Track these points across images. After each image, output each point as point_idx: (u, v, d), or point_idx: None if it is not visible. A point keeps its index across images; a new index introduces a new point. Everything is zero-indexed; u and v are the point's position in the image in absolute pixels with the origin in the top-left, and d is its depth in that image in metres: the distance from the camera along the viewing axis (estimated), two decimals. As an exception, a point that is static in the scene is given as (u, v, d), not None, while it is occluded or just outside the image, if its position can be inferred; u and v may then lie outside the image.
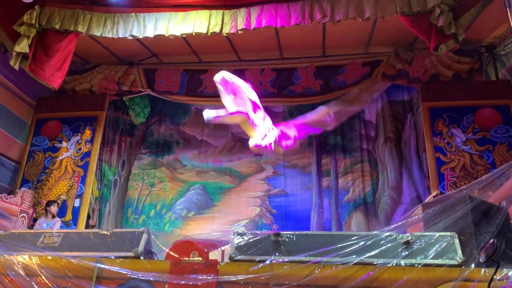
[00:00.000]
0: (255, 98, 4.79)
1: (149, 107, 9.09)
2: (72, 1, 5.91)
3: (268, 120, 4.84)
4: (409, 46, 7.42)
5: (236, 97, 4.68)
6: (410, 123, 7.86)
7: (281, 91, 8.21)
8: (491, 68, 7.43)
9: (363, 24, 6.75)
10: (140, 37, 6.13)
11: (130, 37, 6.13)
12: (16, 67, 5.82)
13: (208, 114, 4.61)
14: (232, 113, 4.61)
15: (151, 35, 5.99)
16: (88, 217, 7.82)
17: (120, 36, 6.10)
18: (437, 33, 5.12)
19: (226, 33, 5.72)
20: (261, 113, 4.78)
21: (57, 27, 5.95)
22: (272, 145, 4.71)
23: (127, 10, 6.01)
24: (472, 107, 7.09)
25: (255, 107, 4.73)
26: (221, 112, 4.64)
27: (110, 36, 6.13)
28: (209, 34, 5.72)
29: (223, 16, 5.71)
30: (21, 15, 5.82)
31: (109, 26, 6.08)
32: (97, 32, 6.10)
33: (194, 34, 5.79)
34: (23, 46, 5.71)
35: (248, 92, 4.71)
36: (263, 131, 4.71)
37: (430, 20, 5.14)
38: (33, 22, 5.82)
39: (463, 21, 5.06)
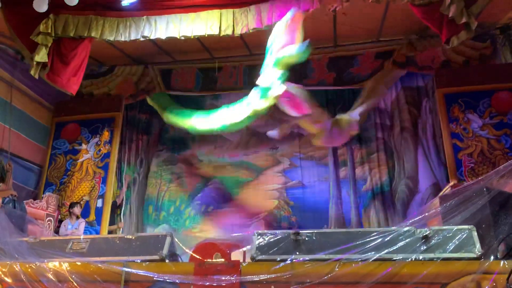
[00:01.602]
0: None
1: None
2: (84, 7, 5.98)
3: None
4: (422, 33, 7.30)
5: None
6: (426, 108, 7.76)
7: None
8: (506, 50, 7.28)
9: (374, 12, 6.72)
10: (152, 37, 6.20)
11: (142, 39, 6.20)
12: (36, 76, 5.96)
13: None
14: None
15: (163, 37, 6.06)
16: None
17: (132, 38, 6.18)
18: (448, 23, 5.03)
19: (239, 34, 5.76)
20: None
21: (71, 34, 6.05)
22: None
23: (138, 14, 6.07)
24: (488, 91, 7.00)
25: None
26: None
27: (122, 39, 6.21)
28: (221, 36, 5.76)
29: (233, 16, 5.73)
30: (36, 24, 5.93)
31: (121, 30, 6.16)
32: (110, 36, 6.19)
33: (206, 35, 5.85)
34: (42, 56, 5.84)
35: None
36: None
37: (441, 10, 5.05)
38: (49, 31, 5.94)
39: (475, 9, 4.96)
